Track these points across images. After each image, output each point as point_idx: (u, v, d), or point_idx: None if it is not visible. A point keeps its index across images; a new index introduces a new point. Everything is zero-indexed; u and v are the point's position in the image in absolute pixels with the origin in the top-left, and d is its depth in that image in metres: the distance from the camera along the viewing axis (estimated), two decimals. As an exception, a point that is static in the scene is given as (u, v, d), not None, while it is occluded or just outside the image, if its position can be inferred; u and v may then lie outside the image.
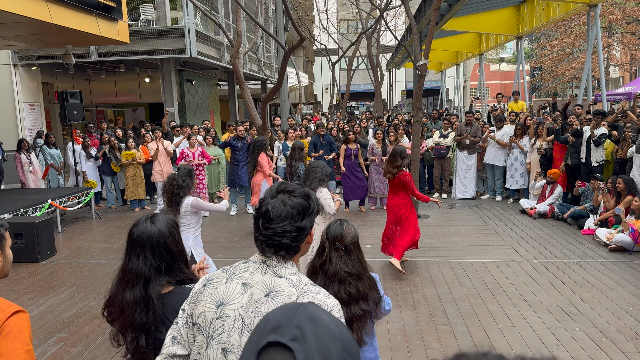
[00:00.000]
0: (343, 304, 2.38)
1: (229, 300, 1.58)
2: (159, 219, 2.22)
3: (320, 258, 2.49)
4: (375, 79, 20.86)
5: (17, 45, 10.96)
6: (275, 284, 1.57)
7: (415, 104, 9.34)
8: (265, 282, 1.58)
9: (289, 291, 1.55)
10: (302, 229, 1.60)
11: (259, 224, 1.62)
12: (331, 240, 2.47)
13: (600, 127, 8.71)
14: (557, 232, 8.00)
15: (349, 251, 2.46)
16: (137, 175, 10.35)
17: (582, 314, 4.91)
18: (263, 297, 1.55)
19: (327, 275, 2.43)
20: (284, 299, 1.53)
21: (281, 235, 1.58)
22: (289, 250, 1.60)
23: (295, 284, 1.57)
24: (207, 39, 14.53)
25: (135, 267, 2.13)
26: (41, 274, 6.58)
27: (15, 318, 1.74)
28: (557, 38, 33.45)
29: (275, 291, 1.55)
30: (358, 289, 2.40)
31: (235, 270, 1.65)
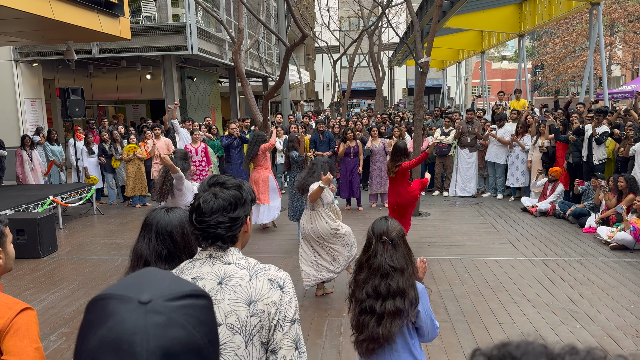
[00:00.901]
0: (379, 298, 2.43)
1: None
2: (175, 210, 2.30)
3: (367, 253, 2.54)
4: (376, 77, 20.84)
5: (18, 41, 10.96)
6: (226, 271, 1.62)
7: (416, 101, 9.33)
8: (215, 271, 1.62)
9: (240, 274, 1.61)
10: (235, 219, 1.64)
11: (192, 218, 1.66)
12: (377, 236, 2.51)
13: (602, 125, 8.70)
14: (558, 230, 8.00)
15: (396, 245, 2.50)
16: (138, 172, 10.36)
17: (583, 311, 4.92)
18: (216, 285, 1.59)
19: (371, 268, 2.48)
20: (238, 281, 1.59)
21: (215, 227, 1.62)
22: (225, 241, 1.65)
23: (245, 266, 1.63)
24: (209, 35, 14.51)
25: (138, 248, 2.23)
26: (43, 270, 6.60)
27: (24, 315, 1.74)
28: (559, 36, 33.37)
29: (227, 277, 1.60)
30: (398, 284, 2.41)
31: (183, 269, 1.68)
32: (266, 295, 1.58)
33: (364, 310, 2.47)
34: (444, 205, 10.09)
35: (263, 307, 1.57)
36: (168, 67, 14.23)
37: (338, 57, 22.29)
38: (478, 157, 10.77)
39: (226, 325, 1.56)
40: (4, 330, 1.70)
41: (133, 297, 0.74)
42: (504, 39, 19.05)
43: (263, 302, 1.57)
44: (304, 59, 33.97)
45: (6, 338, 1.70)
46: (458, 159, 10.82)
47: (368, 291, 2.46)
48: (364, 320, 2.46)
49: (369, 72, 23.32)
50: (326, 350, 4.27)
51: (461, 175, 10.81)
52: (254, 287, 1.59)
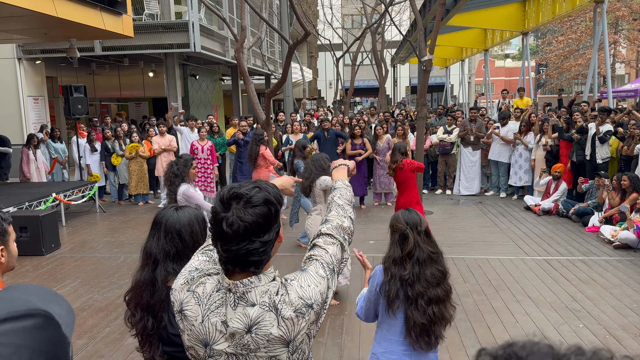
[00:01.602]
0: (438, 285, 2.48)
1: (213, 341, 1.44)
2: (185, 209, 2.30)
3: (404, 247, 2.51)
4: (379, 75, 20.80)
5: (21, 39, 10.98)
6: (252, 316, 1.40)
7: (419, 99, 9.31)
8: (239, 317, 1.41)
9: (268, 319, 1.40)
10: (267, 242, 1.41)
11: (217, 245, 1.41)
12: (413, 226, 2.52)
13: (606, 124, 8.67)
14: (562, 229, 7.98)
15: (428, 234, 2.56)
16: (140, 170, 10.36)
17: (585, 310, 4.90)
18: (245, 335, 1.41)
19: (420, 260, 2.48)
20: (268, 329, 1.39)
21: (245, 255, 1.39)
22: (258, 265, 1.42)
23: (269, 305, 1.41)
24: (211, 33, 14.50)
25: (148, 247, 2.24)
26: (45, 267, 6.61)
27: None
28: (563, 34, 33.25)
29: (255, 324, 1.40)
30: (444, 266, 2.54)
31: (210, 305, 1.45)
32: (300, 325, 1.42)
33: (430, 301, 2.46)
34: (447, 203, 10.07)
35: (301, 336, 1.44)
36: (170, 65, 14.22)
37: (341, 55, 22.24)
38: (481, 155, 10.74)
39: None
40: None
41: None
42: (508, 37, 18.99)
43: (301, 332, 1.43)
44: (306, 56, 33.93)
45: None
46: (461, 157, 10.79)
47: (429, 280, 2.47)
48: (434, 310, 2.45)
49: (372, 70, 23.27)
50: (328, 348, 4.26)
51: (464, 173, 10.78)
52: (286, 327, 1.40)
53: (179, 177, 4.59)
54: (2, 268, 1.85)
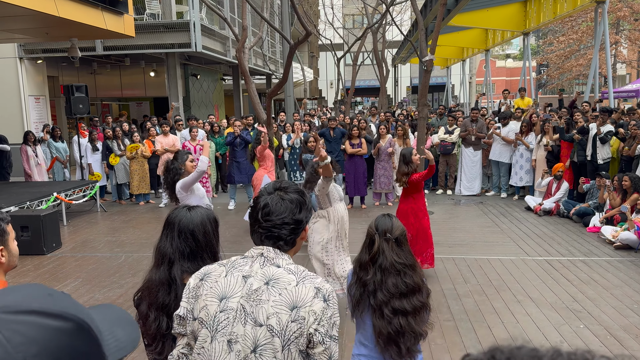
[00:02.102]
0: (403, 297, 2.38)
1: (232, 294, 1.62)
2: (197, 209, 2.34)
3: (370, 252, 2.46)
4: (380, 75, 20.79)
5: (23, 38, 10.99)
6: (274, 273, 1.63)
7: (420, 99, 9.32)
8: (264, 272, 1.63)
9: (288, 278, 1.62)
10: (299, 221, 1.70)
11: (258, 216, 1.70)
12: (381, 232, 2.45)
13: (607, 124, 8.66)
14: (562, 229, 7.98)
15: (400, 243, 2.45)
16: (141, 170, 10.36)
17: (586, 311, 4.90)
18: (263, 285, 1.61)
19: (382, 268, 2.40)
20: (284, 285, 1.60)
21: (280, 227, 1.67)
22: (287, 242, 1.69)
23: (294, 272, 1.64)
24: (213, 33, 14.51)
25: (162, 247, 2.28)
26: (47, 267, 6.62)
27: None
28: (564, 34, 33.23)
29: (275, 279, 1.61)
30: (414, 280, 2.40)
31: (235, 265, 1.69)
32: (309, 302, 1.58)
33: (397, 311, 2.36)
34: (448, 204, 10.07)
35: (304, 314, 1.57)
36: (172, 65, 14.23)
37: (342, 55, 22.24)
38: (482, 155, 10.74)
39: (267, 327, 1.57)
40: None
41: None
42: (509, 37, 18.99)
43: (305, 309, 1.57)
44: (307, 56, 33.93)
45: None
46: (462, 157, 10.78)
47: (390, 290, 2.38)
48: (401, 322, 2.35)
49: (373, 69, 23.27)
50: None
51: (465, 173, 10.78)
52: (299, 292, 1.59)
53: (173, 170, 4.48)
54: (4, 267, 1.86)
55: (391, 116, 12.78)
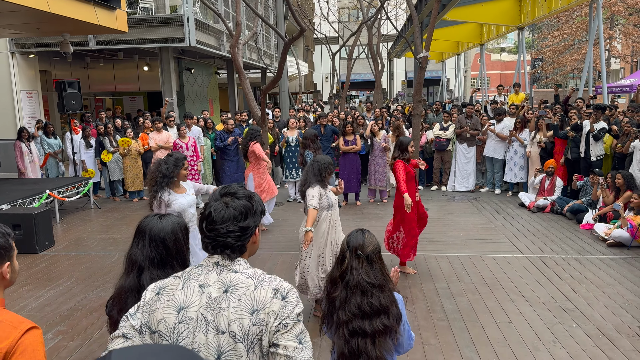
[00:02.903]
0: (365, 317, 2.30)
1: (189, 304, 1.63)
2: (168, 217, 2.36)
3: (340, 268, 2.39)
4: (375, 69, 20.75)
5: (14, 33, 10.88)
6: (232, 279, 1.63)
7: (415, 96, 9.30)
8: (222, 279, 1.64)
9: (246, 282, 1.63)
10: (245, 228, 1.68)
11: (202, 226, 1.70)
12: (352, 249, 2.38)
13: (600, 121, 8.68)
14: (556, 226, 8.01)
15: (371, 261, 2.37)
16: (134, 166, 10.29)
17: (579, 310, 4.93)
18: (222, 293, 1.61)
19: (348, 286, 2.33)
20: (243, 290, 1.61)
21: (225, 236, 1.66)
22: (234, 250, 1.67)
23: (252, 276, 1.65)
24: (206, 27, 14.40)
25: (132, 254, 2.31)
26: (39, 266, 6.58)
27: (29, 335, 1.71)
28: (559, 29, 33.24)
29: (233, 285, 1.62)
30: (380, 302, 2.31)
31: (190, 275, 1.69)
32: (268, 304, 1.59)
33: (355, 332, 2.29)
34: (442, 200, 10.09)
35: (264, 315, 1.58)
36: (165, 59, 14.12)
37: (337, 49, 22.17)
38: (476, 152, 10.75)
39: (229, 333, 1.57)
40: (10, 352, 1.66)
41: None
42: (504, 31, 18.98)
43: (265, 310, 1.59)
44: (302, 50, 33.80)
45: (12, 359, 1.66)
46: (456, 153, 10.79)
47: (352, 310, 2.30)
48: (358, 343, 2.28)
49: (368, 63, 23.21)
50: (323, 349, 4.26)
51: (460, 170, 10.80)
52: (258, 295, 1.60)
53: (166, 177, 4.25)
54: (5, 283, 1.82)
55: (386, 111, 12.77)
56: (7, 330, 1.68)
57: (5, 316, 1.73)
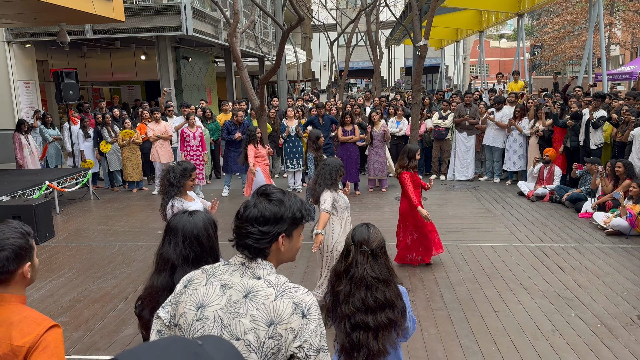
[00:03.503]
0: (369, 312, 2.32)
1: (209, 302, 1.61)
2: (198, 214, 2.34)
3: (345, 262, 2.40)
4: (374, 58, 20.64)
5: (10, 23, 10.78)
6: (254, 285, 1.60)
7: (414, 85, 9.26)
8: (243, 283, 1.61)
9: (267, 292, 1.58)
10: (264, 232, 1.63)
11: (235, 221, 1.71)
12: (357, 244, 2.38)
13: (599, 109, 8.67)
14: (555, 215, 8.03)
15: (376, 256, 2.38)
16: (133, 157, 10.27)
17: (578, 299, 4.96)
18: (242, 298, 1.58)
19: (353, 280, 2.35)
20: (262, 299, 1.57)
21: (245, 236, 1.64)
22: (252, 252, 1.64)
23: (274, 284, 1.60)
24: (204, 15, 14.29)
25: (164, 253, 2.28)
26: (40, 257, 6.59)
27: (52, 333, 1.75)
28: (559, 15, 33.04)
29: (254, 292, 1.59)
30: (385, 296, 2.32)
31: (215, 272, 1.68)
32: (287, 320, 1.54)
33: (357, 326, 2.32)
34: (441, 189, 10.10)
35: (282, 331, 1.54)
36: (163, 48, 14.03)
37: (335, 37, 22.02)
38: (475, 140, 10.74)
39: (244, 342, 1.54)
40: (33, 347, 1.70)
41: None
42: (503, 18, 18.86)
43: (282, 326, 1.54)
44: (300, 38, 33.58)
45: (34, 355, 1.70)
46: (455, 142, 10.78)
47: (356, 304, 2.32)
48: (360, 337, 2.30)
49: (367, 51, 23.08)
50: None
51: (459, 159, 10.79)
52: (276, 308, 1.56)
53: (174, 187, 4.29)
54: (26, 282, 1.85)
55: (385, 100, 12.73)
56: (31, 327, 1.72)
57: (28, 313, 1.77)
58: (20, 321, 1.73)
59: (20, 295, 1.82)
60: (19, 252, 1.77)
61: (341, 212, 4.75)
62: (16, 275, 1.78)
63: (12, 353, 1.69)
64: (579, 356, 3.95)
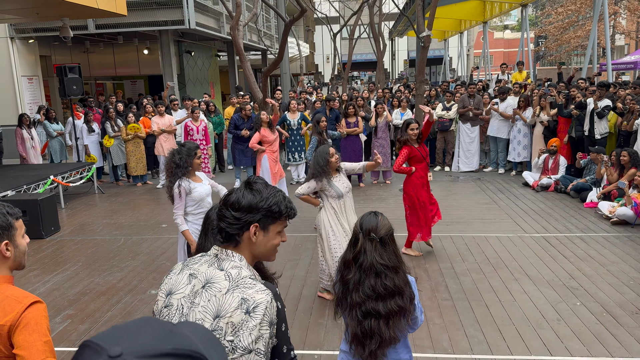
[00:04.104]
0: (380, 299, 2.31)
1: (176, 290, 1.64)
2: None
3: (353, 250, 2.40)
4: (377, 50, 20.55)
5: (13, 18, 10.80)
6: (213, 276, 1.60)
7: (418, 76, 9.23)
8: (207, 273, 1.62)
9: (222, 284, 1.57)
10: (237, 218, 1.63)
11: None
12: (365, 232, 2.38)
13: (604, 99, 8.61)
14: (560, 205, 8.00)
15: (384, 243, 2.37)
16: (137, 151, 10.29)
17: (583, 288, 4.95)
18: (200, 288, 1.59)
19: (362, 268, 2.34)
20: (215, 291, 1.56)
21: (220, 218, 1.67)
22: (223, 236, 1.66)
23: (232, 278, 1.58)
24: (206, 9, 14.27)
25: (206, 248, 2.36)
26: (46, 251, 6.63)
27: (33, 309, 1.77)
28: (563, 5, 32.77)
29: (211, 283, 1.59)
30: (394, 283, 2.31)
31: (190, 262, 1.70)
32: (230, 314, 1.51)
33: (368, 314, 2.32)
34: (446, 180, 10.08)
35: (223, 325, 1.52)
36: (165, 42, 14.04)
37: (338, 30, 21.94)
38: (480, 131, 10.70)
39: None
40: (14, 325, 1.73)
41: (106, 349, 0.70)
42: (507, 8, 18.72)
43: (224, 320, 1.52)
44: (303, 31, 33.47)
45: (16, 332, 1.73)
46: (460, 133, 10.74)
47: (366, 292, 2.32)
48: (372, 324, 2.31)
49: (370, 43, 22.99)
50: (328, 330, 4.31)
51: (463, 150, 10.76)
52: (224, 301, 1.53)
53: (182, 168, 4.30)
54: (9, 263, 1.86)
55: (389, 92, 12.69)
56: (12, 305, 1.75)
57: (11, 292, 1.80)
58: (2, 300, 1.76)
59: (4, 276, 1.83)
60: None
61: (332, 200, 4.77)
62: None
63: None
64: (584, 344, 3.95)
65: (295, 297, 4.98)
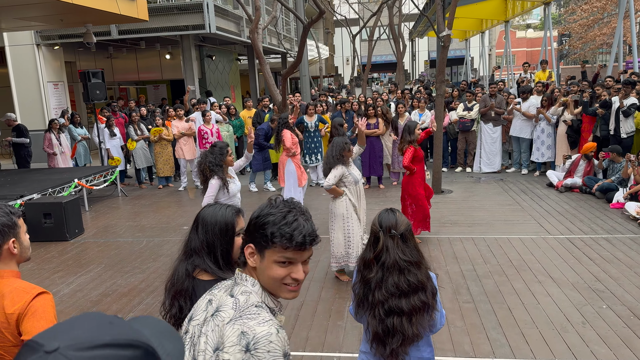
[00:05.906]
0: (402, 295, 2.29)
1: (194, 316, 1.56)
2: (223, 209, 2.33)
3: (374, 249, 2.37)
4: (397, 50, 20.46)
5: (38, 25, 11.05)
6: (223, 303, 1.47)
7: (438, 76, 9.14)
8: (220, 299, 1.50)
9: (227, 313, 1.44)
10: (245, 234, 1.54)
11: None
12: (385, 229, 2.36)
13: (630, 97, 8.41)
14: (585, 206, 7.83)
15: (405, 239, 2.34)
16: (164, 153, 10.45)
17: (609, 291, 4.83)
18: (210, 316, 1.49)
19: (385, 266, 2.31)
20: (219, 321, 1.44)
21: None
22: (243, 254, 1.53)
23: (238, 306, 1.44)
24: (226, 13, 14.40)
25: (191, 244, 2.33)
26: (70, 253, 6.75)
27: (40, 299, 1.88)
28: (587, 2, 32.14)
29: (219, 311, 1.46)
30: (417, 278, 2.30)
31: (215, 286, 1.60)
32: (226, 349, 1.36)
33: (391, 311, 2.29)
34: (467, 182, 9.96)
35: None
36: (187, 47, 14.20)
37: (357, 31, 21.91)
38: (502, 131, 10.55)
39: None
40: (22, 313, 1.84)
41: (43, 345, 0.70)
42: (529, 7, 18.42)
43: (222, 354, 1.37)
44: (322, 33, 33.52)
45: (24, 320, 1.84)
46: (481, 134, 10.60)
47: (389, 290, 2.29)
48: (394, 322, 2.27)
49: (389, 44, 22.89)
50: (347, 332, 4.29)
51: (485, 150, 10.61)
52: (224, 333, 1.39)
53: (217, 166, 4.51)
54: (16, 258, 1.98)
55: (409, 93, 12.61)
56: (20, 295, 1.87)
57: (19, 284, 1.92)
58: (11, 292, 1.88)
59: (12, 270, 1.95)
60: (2, 229, 1.91)
61: (350, 186, 5.19)
62: (2, 250, 1.92)
63: (6, 321, 1.84)
64: (610, 348, 3.84)
65: (314, 300, 4.97)
